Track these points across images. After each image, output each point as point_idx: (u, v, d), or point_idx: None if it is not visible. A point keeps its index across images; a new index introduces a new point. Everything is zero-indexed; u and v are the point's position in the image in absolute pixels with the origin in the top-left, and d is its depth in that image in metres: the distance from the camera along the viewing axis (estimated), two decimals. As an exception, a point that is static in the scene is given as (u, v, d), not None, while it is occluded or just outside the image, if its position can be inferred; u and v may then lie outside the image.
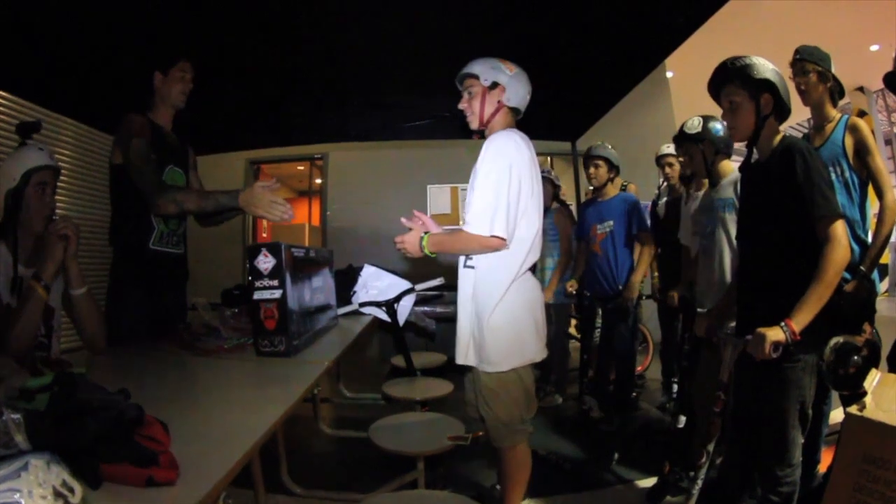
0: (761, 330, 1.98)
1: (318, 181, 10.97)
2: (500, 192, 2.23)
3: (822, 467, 2.76)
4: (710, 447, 2.43)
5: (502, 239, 2.23)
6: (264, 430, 1.29)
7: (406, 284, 3.67)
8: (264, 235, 9.15)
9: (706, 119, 3.20)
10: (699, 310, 3.11)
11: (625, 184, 5.15)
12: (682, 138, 3.32)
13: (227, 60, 3.95)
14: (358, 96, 5.01)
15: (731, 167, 3.19)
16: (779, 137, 2.27)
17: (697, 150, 3.23)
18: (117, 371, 2.11)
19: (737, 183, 2.95)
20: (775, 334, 1.95)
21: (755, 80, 2.23)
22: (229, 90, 4.45)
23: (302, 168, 10.85)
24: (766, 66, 2.26)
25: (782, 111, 2.28)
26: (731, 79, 2.30)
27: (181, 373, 2.07)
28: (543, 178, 5.09)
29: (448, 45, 3.85)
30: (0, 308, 2.04)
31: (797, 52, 2.97)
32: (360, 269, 3.69)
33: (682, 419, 3.69)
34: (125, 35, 3.29)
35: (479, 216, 2.25)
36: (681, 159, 4.12)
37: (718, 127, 3.16)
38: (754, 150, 2.34)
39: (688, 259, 3.81)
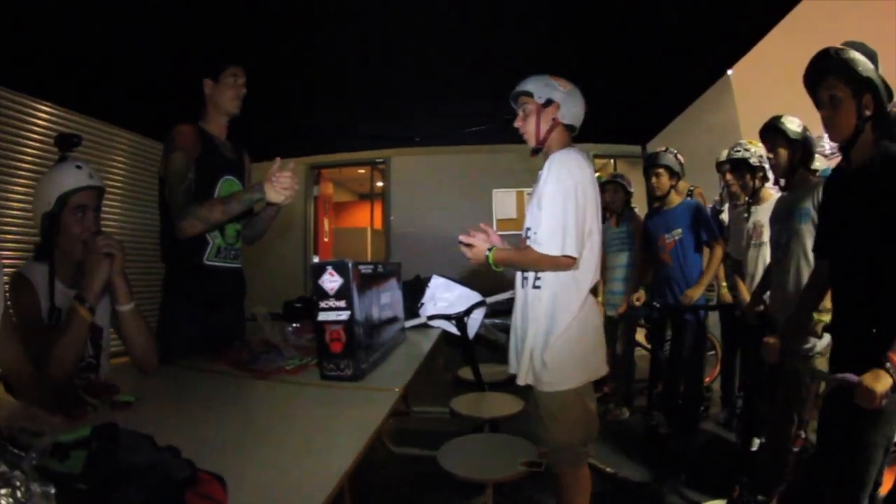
0: (868, 384, 1.71)
1: (380, 184, 10.96)
2: (568, 212, 2.21)
3: (884, 489, 2.53)
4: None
5: (573, 258, 2.22)
6: (334, 483, 1.12)
7: (476, 297, 3.51)
8: (325, 240, 9.06)
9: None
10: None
11: (691, 188, 5.04)
12: (773, 131, 3.01)
13: (289, 67, 3.90)
14: (421, 102, 5.00)
15: (806, 175, 2.99)
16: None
17: (787, 149, 2.97)
18: (168, 397, 1.95)
19: (815, 191, 2.75)
20: (884, 383, 1.70)
21: (859, 77, 1.98)
22: (292, 97, 4.40)
23: (363, 171, 10.80)
24: (868, 65, 2.00)
25: (881, 117, 2.02)
26: (832, 70, 2.05)
27: (239, 401, 1.91)
28: (616, 183, 4.98)
29: (515, 49, 3.87)
30: (41, 331, 1.92)
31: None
32: (428, 280, 3.52)
33: (756, 442, 3.59)
34: (179, 41, 3.24)
35: (550, 236, 2.23)
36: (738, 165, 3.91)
37: (809, 135, 2.96)
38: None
39: (741, 272, 3.86)
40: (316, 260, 7.63)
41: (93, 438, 0.87)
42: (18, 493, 0.70)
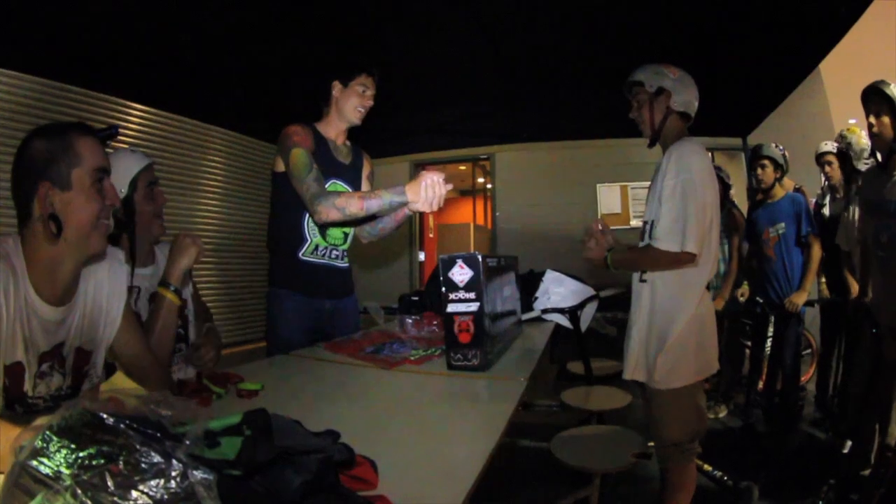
0: None
1: (481, 180, 10.89)
2: (689, 206, 2.17)
3: None
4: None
5: (693, 255, 2.17)
6: (480, 466, 1.11)
7: (590, 291, 3.44)
8: (430, 236, 9.12)
9: None
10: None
11: (798, 186, 4.93)
12: (878, 94, 2.68)
13: (401, 67, 3.96)
14: (525, 97, 4.99)
15: None
16: None
17: (892, 118, 2.66)
18: (293, 386, 1.95)
19: None
20: None
21: None
22: (398, 97, 4.46)
23: (463, 168, 10.79)
24: None
25: None
26: None
27: (370, 389, 1.89)
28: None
29: (617, 42, 3.96)
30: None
31: None
32: (542, 274, 3.48)
33: (848, 444, 3.49)
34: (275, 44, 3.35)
35: (669, 232, 2.18)
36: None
37: None
38: None
39: (851, 267, 3.79)
40: (422, 256, 7.83)
41: (243, 424, 0.85)
42: (173, 483, 0.68)
